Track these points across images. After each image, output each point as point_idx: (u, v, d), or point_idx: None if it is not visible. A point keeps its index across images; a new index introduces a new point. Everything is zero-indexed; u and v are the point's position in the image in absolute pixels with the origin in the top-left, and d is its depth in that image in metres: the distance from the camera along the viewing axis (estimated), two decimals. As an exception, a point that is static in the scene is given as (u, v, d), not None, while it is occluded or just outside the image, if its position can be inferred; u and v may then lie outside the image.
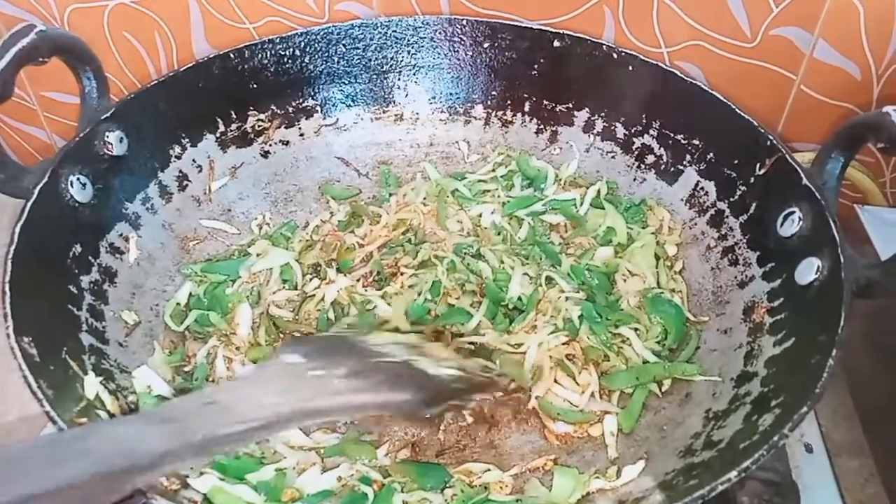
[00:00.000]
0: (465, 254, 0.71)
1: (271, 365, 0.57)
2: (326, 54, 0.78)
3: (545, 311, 0.65)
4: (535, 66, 0.78)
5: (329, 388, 0.54)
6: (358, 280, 0.69)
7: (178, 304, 0.68)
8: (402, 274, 0.69)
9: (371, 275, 0.69)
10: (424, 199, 0.77)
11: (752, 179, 0.66)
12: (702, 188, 0.72)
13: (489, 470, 0.57)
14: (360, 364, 0.58)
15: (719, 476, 0.45)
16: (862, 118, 0.57)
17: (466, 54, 0.80)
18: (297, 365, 0.56)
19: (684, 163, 0.73)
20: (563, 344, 0.63)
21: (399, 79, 0.82)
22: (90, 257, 0.64)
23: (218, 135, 0.76)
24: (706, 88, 0.69)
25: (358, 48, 0.79)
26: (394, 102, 0.82)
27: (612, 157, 0.78)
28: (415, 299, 0.67)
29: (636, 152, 0.76)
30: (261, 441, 0.56)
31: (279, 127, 0.79)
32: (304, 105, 0.80)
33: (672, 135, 0.73)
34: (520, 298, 0.67)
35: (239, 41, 0.75)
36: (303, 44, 0.77)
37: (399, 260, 0.70)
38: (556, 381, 0.62)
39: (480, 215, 0.75)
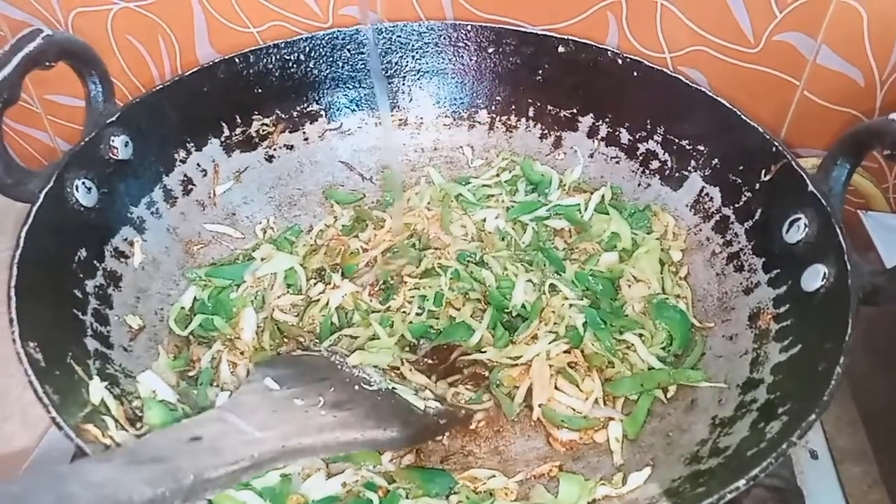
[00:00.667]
0: (468, 262, 0.71)
1: (251, 392, 0.57)
2: (331, 59, 0.78)
3: (548, 320, 0.65)
4: (540, 72, 0.78)
5: (315, 423, 0.54)
6: (364, 288, 0.69)
7: (182, 308, 0.68)
8: (405, 283, 0.69)
9: (377, 283, 0.69)
10: (428, 203, 0.77)
11: (758, 185, 0.66)
12: (707, 194, 0.72)
13: (494, 476, 0.57)
14: (342, 392, 0.58)
15: (728, 484, 0.45)
16: (868, 125, 0.57)
17: (471, 59, 0.80)
18: (276, 393, 0.56)
19: (689, 168, 0.73)
20: (565, 352, 0.63)
21: (403, 84, 0.82)
22: (95, 261, 0.63)
23: (222, 139, 0.76)
24: (711, 94, 0.69)
25: (362, 53, 0.79)
26: (398, 107, 0.82)
27: (617, 162, 0.78)
28: (418, 314, 0.67)
29: (641, 158, 0.76)
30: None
31: (283, 131, 0.79)
32: (308, 109, 0.80)
33: (677, 140, 0.73)
34: (523, 306, 0.67)
35: (242, 45, 0.75)
36: (307, 48, 0.77)
37: (402, 269, 0.70)
38: (558, 388, 0.62)
39: (484, 220, 0.75)
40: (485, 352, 0.64)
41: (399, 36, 0.79)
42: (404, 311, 0.67)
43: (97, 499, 0.40)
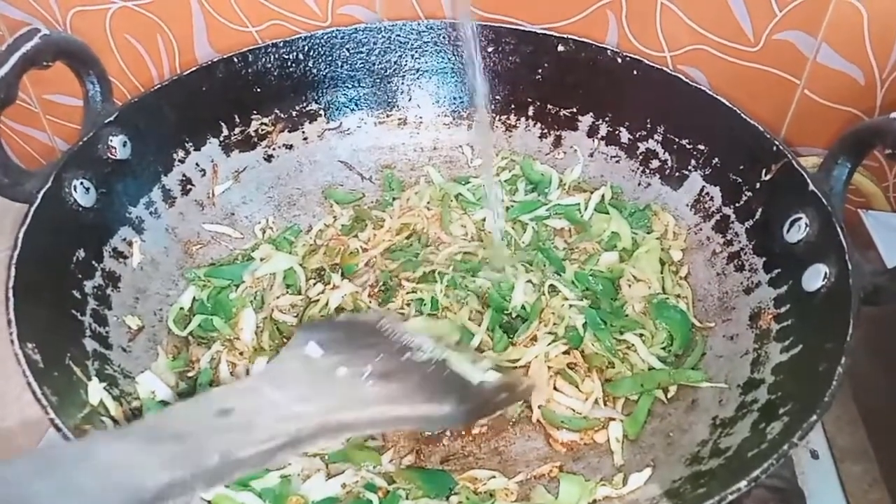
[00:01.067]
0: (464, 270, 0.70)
1: (290, 359, 0.52)
2: (330, 58, 0.78)
3: (547, 321, 0.65)
4: (539, 71, 0.78)
5: (359, 396, 0.49)
6: (364, 289, 0.69)
7: (181, 308, 0.68)
8: (402, 287, 0.68)
9: (377, 284, 0.69)
10: (428, 203, 0.76)
11: (758, 185, 0.66)
12: (707, 193, 0.72)
13: (494, 477, 0.57)
14: (390, 361, 0.53)
15: (729, 485, 0.45)
16: (869, 123, 0.57)
17: (470, 58, 0.80)
18: (318, 361, 0.51)
19: (689, 168, 0.73)
20: (564, 353, 0.63)
21: (403, 83, 0.81)
22: (94, 262, 0.63)
23: (221, 139, 0.76)
24: (711, 93, 0.69)
25: (361, 52, 0.79)
26: (397, 106, 0.82)
27: (617, 161, 0.78)
28: (417, 316, 0.66)
29: (641, 157, 0.76)
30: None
31: (283, 131, 0.79)
32: (307, 109, 0.80)
33: (677, 139, 0.73)
34: (523, 307, 0.66)
35: (241, 45, 0.75)
36: (306, 48, 0.77)
37: (400, 272, 0.70)
38: (557, 389, 0.61)
39: (484, 220, 0.75)
40: (483, 353, 0.64)
41: (398, 35, 0.79)
42: (402, 312, 0.67)
43: (104, 487, 0.36)
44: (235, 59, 0.74)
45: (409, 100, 0.82)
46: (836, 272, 0.55)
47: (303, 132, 0.80)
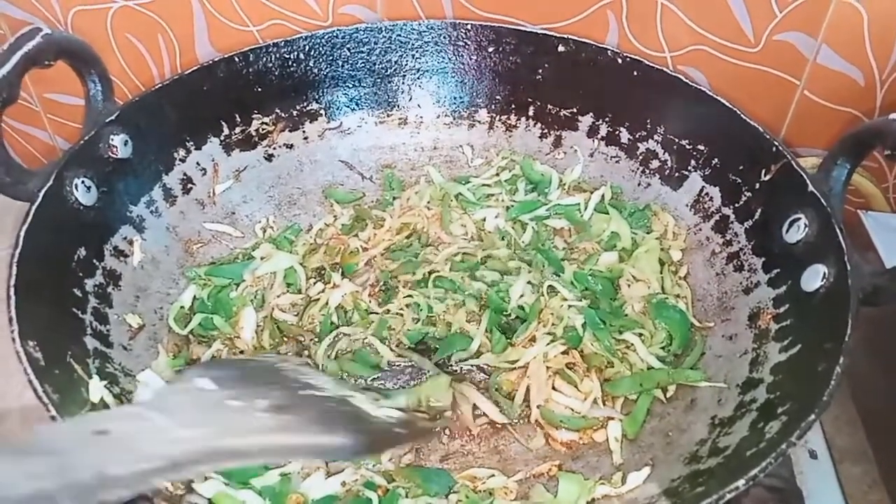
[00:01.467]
0: (463, 271, 0.70)
1: (180, 390, 0.52)
2: (331, 58, 0.78)
3: (546, 322, 0.65)
4: (540, 71, 0.78)
5: (250, 424, 0.48)
6: (364, 289, 0.69)
7: (182, 307, 0.68)
8: (400, 291, 0.68)
9: (377, 284, 0.69)
10: (428, 202, 0.77)
11: (758, 185, 0.66)
12: (707, 193, 0.72)
13: (494, 475, 0.57)
14: (287, 396, 0.53)
15: (727, 484, 0.45)
16: (869, 125, 0.57)
17: (471, 58, 0.80)
18: (209, 392, 0.50)
19: (689, 168, 0.73)
20: (563, 353, 0.63)
21: (403, 82, 0.82)
22: (94, 260, 0.63)
23: (222, 138, 0.76)
24: (711, 94, 0.69)
25: (362, 52, 0.79)
26: (398, 106, 0.82)
27: (617, 161, 0.78)
28: (415, 319, 0.66)
29: (641, 157, 0.76)
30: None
31: (283, 130, 0.79)
32: (308, 108, 0.80)
33: (677, 140, 0.73)
34: (521, 307, 0.66)
35: (242, 44, 0.75)
36: (307, 47, 0.77)
37: (400, 273, 0.70)
38: (556, 388, 0.62)
39: (484, 219, 0.75)
40: (481, 356, 0.64)
41: (399, 35, 0.79)
42: (400, 314, 0.67)
43: None
44: (236, 59, 0.74)
45: (410, 99, 0.82)
46: (835, 272, 0.56)
47: (303, 132, 0.80)
